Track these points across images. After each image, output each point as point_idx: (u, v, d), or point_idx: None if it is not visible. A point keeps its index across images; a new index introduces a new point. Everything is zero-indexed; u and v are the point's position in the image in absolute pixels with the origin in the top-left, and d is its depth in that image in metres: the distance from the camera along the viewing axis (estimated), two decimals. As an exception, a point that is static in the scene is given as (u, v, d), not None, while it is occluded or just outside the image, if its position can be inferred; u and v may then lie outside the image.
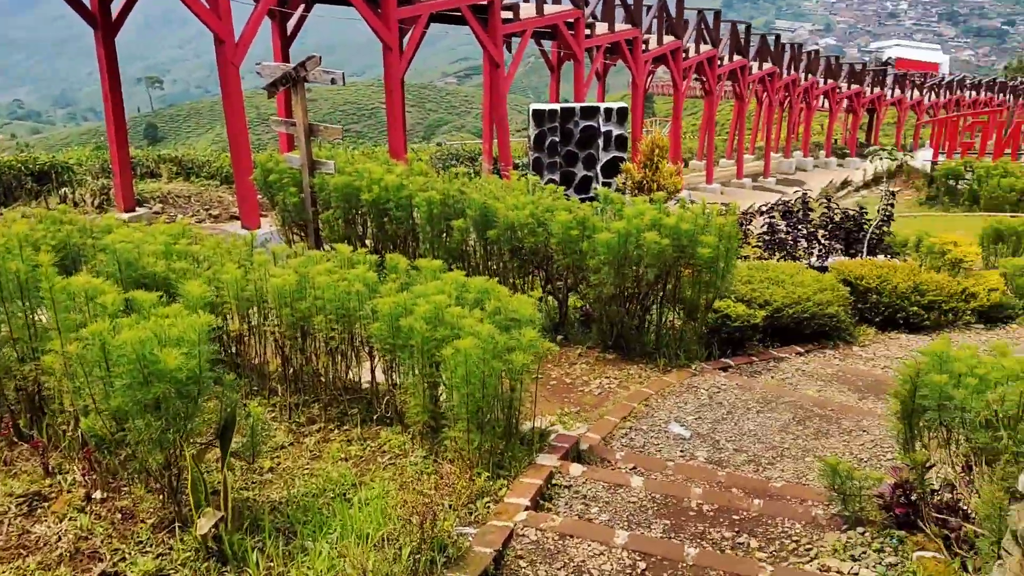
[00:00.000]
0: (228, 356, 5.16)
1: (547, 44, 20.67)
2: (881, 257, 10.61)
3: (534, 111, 10.07)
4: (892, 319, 8.05)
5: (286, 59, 15.06)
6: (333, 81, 7.59)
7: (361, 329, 4.80)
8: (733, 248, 6.44)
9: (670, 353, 6.79)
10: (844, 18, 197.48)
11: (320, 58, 7.61)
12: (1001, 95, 50.14)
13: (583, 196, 10.20)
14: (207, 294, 4.40)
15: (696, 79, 25.18)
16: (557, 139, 9.99)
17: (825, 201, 10.85)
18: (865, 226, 10.46)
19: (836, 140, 36.75)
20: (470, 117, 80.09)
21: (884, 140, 41.49)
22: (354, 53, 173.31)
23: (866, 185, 28.92)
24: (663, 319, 6.94)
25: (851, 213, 10.49)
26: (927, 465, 3.84)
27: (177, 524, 3.57)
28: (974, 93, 47.81)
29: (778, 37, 30.03)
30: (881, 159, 10.18)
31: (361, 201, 7.15)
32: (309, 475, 4.30)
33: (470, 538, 3.72)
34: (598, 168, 10.21)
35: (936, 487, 3.83)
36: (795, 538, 3.93)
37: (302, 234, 8.20)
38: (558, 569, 3.61)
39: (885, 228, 10.39)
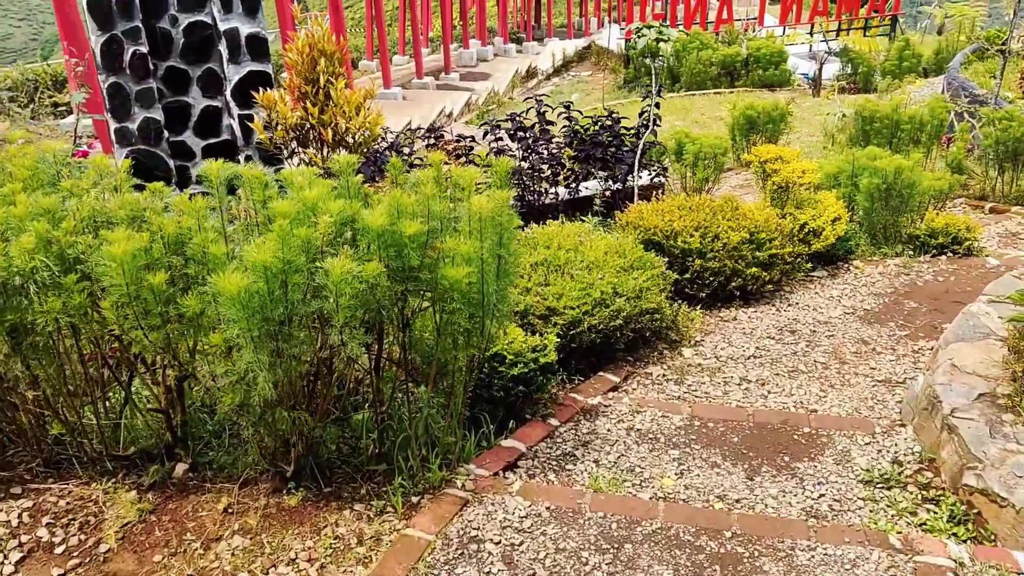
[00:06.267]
0: None
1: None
2: (645, 176, 8.12)
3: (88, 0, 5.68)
4: (723, 289, 5.42)
5: None
6: None
7: None
8: (510, 253, 3.26)
9: (412, 463, 3.58)
10: None
11: None
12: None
13: (213, 141, 6.33)
14: None
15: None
16: (144, 49, 5.80)
17: (565, 110, 7.99)
18: (625, 138, 7.86)
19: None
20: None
21: (557, 20, 40.36)
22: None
23: (556, 72, 27.24)
24: (388, 394, 3.66)
25: (606, 122, 7.80)
26: None
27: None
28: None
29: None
30: (643, 36, 7.66)
31: None
32: None
33: None
34: (227, 93, 6.19)
35: None
36: None
37: None
38: None
39: (652, 138, 7.86)
